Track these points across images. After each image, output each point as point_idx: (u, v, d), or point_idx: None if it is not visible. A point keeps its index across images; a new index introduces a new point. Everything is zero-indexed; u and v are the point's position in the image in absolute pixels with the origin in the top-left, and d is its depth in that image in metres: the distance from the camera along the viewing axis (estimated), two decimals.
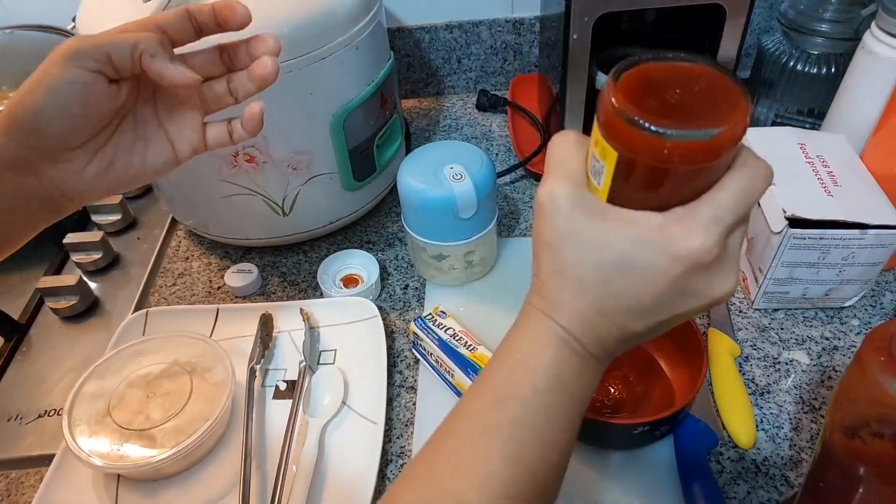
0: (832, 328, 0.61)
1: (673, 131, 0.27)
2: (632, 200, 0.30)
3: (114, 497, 0.52)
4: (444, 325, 0.59)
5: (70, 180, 0.38)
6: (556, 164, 0.32)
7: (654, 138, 0.27)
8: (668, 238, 0.29)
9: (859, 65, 0.66)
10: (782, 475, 0.51)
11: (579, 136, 0.33)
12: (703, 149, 0.27)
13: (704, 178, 0.29)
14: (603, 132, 0.29)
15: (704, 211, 0.29)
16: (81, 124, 0.37)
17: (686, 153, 0.27)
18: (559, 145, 0.33)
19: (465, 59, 0.98)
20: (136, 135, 0.40)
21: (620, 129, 0.28)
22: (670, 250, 0.29)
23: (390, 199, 0.81)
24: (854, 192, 0.59)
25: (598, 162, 0.30)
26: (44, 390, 0.62)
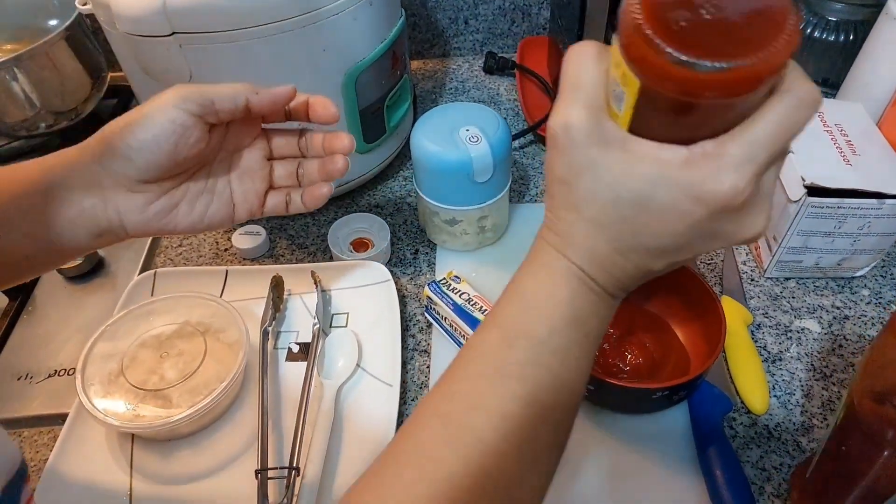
0: (843, 297, 0.62)
1: (705, 62, 0.23)
2: (656, 131, 0.27)
3: (129, 456, 0.52)
4: (458, 290, 0.58)
5: (132, 212, 0.40)
6: (572, 86, 0.28)
7: (683, 70, 0.23)
8: (694, 178, 0.26)
9: (882, 31, 0.65)
10: (794, 440, 0.51)
11: (599, 50, 0.28)
12: (739, 80, 0.23)
13: (740, 109, 0.26)
14: (625, 55, 0.25)
15: (736, 149, 0.25)
16: (166, 161, 0.39)
17: (719, 86, 0.23)
18: (575, 62, 0.28)
19: (472, 20, 0.96)
20: (206, 187, 0.43)
21: (644, 55, 0.24)
22: (695, 192, 0.26)
23: (398, 162, 0.79)
24: (872, 161, 0.59)
25: (619, 87, 0.26)
26: (52, 350, 0.61)
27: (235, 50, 0.55)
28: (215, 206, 0.43)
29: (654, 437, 0.52)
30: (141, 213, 0.40)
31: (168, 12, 0.52)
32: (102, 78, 0.82)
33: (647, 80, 0.25)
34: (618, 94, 0.27)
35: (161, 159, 0.38)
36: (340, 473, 0.50)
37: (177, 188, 0.41)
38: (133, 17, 0.53)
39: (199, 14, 0.53)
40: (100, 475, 0.51)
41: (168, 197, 0.41)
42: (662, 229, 0.28)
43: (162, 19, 0.53)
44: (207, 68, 0.57)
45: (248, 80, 0.57)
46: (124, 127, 0.38)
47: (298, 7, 0.55)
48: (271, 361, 0.58)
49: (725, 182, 0.25)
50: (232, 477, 0.51)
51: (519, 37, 0.97)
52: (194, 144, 0.39)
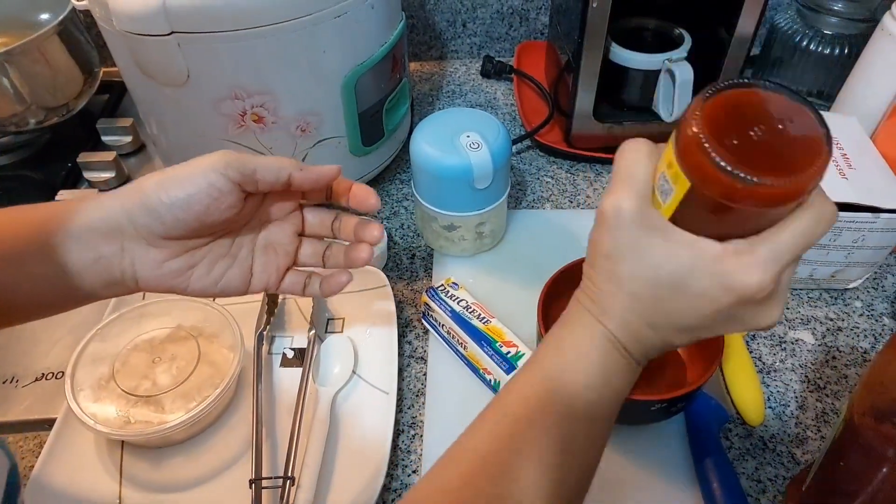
0: (836, 309, 0.62)
1: (751, 177, 0.26)
2: (694, 225, 0.31)
3: (118, 464, 0.51)
4: (456, 297, 0.58)
5: (148, 266, 0.39)
6: (625, 176, 0.32)
7: (731, 179, 0.27)
8: (725, 269, 0.30)
9: (876, 46, 0.65)
10: (789, 452, 0.52)
11: (651, 148, 0.33)
12: (776, 195, 0.27)
13: (771, 217, 0.30)
14: (678, 158, 0.29)
15: (764, 250, 0.30)
16: (194, 222, 0.38)
17: (759, 197, 0.27)
18: (630, 154, 0.33)
19: (470, 23, 0.95)
20: (229, 252, 0.42)
21: (698, 162, 0.28)
22: (725, 281, 0.30)
23: (395, 166, 0.79)
24: (867, 175, 0.59)
25: (668, 183, 0.30)
26: (40, 352, 0.60)
27: (235, 51, 0.55)
28: (233, 272, 0.42)
29: (651, 447, 0.52)
30: (156, 269, 0.39)
31: (167, 11, 0.51)
32: (95, 74, 0.81)
33: (698, 183, 0.28)
34: (665, 189, 0.31)
35: (190, 219, 0.37)
36: (336, 483, 0.50)
37: (198, 249, 0.40)
38: (131, 14, 0.52)
39: (199, 14, 0.52)
40: (88, 483, 0.50)
41: (187, 256, 0.40)
42: (692, 311, 0.31)
43: (161, 18, 0.52)
44: (206, 69, 0.56)
45: (247, 82, 0.57)
46: (160, 181, 0.37)
47: (299, 8, 0.55)
48: (265, 367, 0.57)
49: (754, 276, 0.29)
50: (225, 486, 0.50)
51: (516, 41, 0.97)
52: (226, 210, 0.38)
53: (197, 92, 0.58)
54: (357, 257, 0.43)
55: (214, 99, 0.58)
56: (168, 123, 0.64)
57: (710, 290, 0.30)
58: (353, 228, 0.43)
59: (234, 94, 0.58)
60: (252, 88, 0.58)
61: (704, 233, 0.30)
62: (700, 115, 0.28)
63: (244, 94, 0.58)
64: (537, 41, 0.96)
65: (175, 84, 0.57)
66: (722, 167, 0.27)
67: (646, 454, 0.51)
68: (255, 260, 0.43)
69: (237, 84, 0.57)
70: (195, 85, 0.57)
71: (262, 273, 0.43)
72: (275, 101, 0.59)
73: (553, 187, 0.76)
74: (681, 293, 0.31)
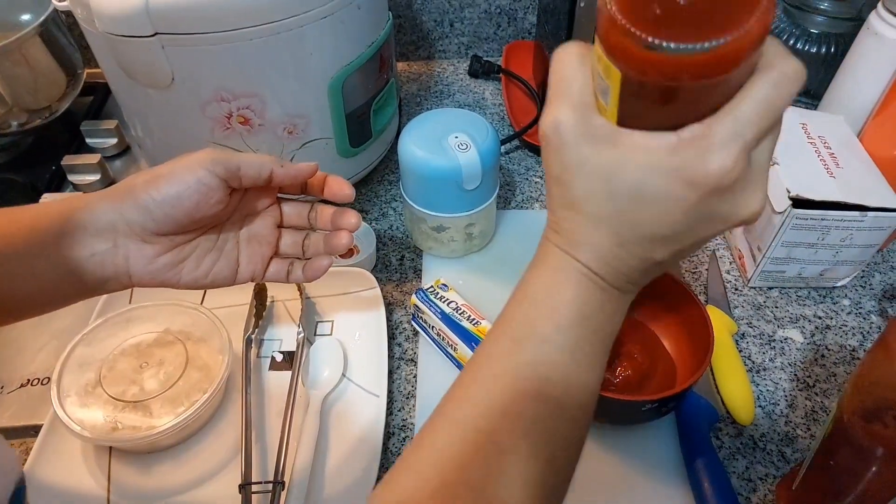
0: (825, 307, 0.63)
1: (681, 45, 0.23)
2: (644, 120, 0.27)
3: (106, 470, 0.51)
4: (446, 298, 0.58)
5: (141, 262, 0.40)
6: (559, 87, 0.29)
7: (660, 55, 0.24)
8: (682, 162, 0.26)
9: (862, 45, 0.66)
10: (779, 451, 0.52)
11: (584, 50, 0.29)
12: (717, 61, 0.24)
13: (723, 89, 0.26)
14: (604, 48, 0.26)
15: (721, 128, 0.26)
16: (184, 217, 0.39)
17: (698, 68, 0.24)
18: (561, 63, 0.29)
19: (457, 23, 0.95)
20: (215, 246, 0.43)
21: (621, 44, 0.25)
22: (684, 175, 0.26)
23: (382, 167, 0.78)
24: (854, 173, 0.59)
25: (603, 81, 0.27)
26: (25, 358, 0.59)
27: (220, 53, 0.54)
28: (220, 264, 0.43)
29: (642, 447, 0.52)
30: (149, 264, 0.40)
31: (150, 12, 0.51)
32: (78, 76, 0.80)
33: (627, 69, 0.25)
34: (603, 88, 0.27)
35: (179, 215, 0.39)
36: (327, 486, 0.49)
37: (187, 243, 0.42)
38: (113, 16, 0.51)
39: (183, 15, 0.51)
40: (75, 490, 0.49)
41: (177, 251, 0.41)
42: (659, 217, 0.28)
43: (144, 19, 0.51)
44: (191, 71, 0.55)
45: (233, 84, 0.57)
46: (150, 180, 0.38)
47: (285, 10, 0.54)
48: (254, 371, 0.57)
49: (714, 162, 0.26)
50: (214, 491, 0.50)
51: (504, 41, 0.97)
52: (214, 205, 0.40)
53: (182, 94, 0.57)
54: (336, 244, 0.44)
55: (200, 101, 0.57)
56: (153, 126, 0.64)
57: (672, 189, 0.27)
58: (329, 218, 0.45)
59: (219, 96, 0.57)
60: (238, 90, 0.57)
61: (655, 127, 0.27)
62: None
63: (230, 96, 0.57)
64: (525, 41, 0.96)
65: (159, 86, 0.56)
66: (646, 41, 0.24)
67: (637, 454, 0.51)
68: (241, 252, 0.44)
69: (223, 86, 0.57)
70: (180, 87, 0.56)
71: (248, 264, 0.44)
72: (261, 103, 0.59)
73: (542, 187, 0.76)
74: (642, 201, 0.28)
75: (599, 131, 0.28)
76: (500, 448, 0.29)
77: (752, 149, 0.27)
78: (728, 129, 0.26)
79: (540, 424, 0.30)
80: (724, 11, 0.24)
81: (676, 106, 0.26)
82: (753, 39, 0.24)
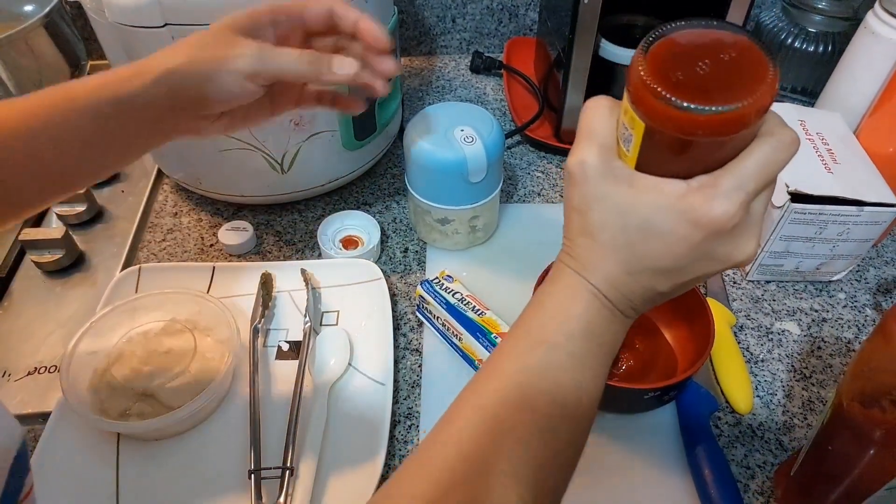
0: (821, 301, 0.64)
1: (699, 106, 0.27)
2: (659, 167, 0.31)
3: (114, 456, 0.51)
4: (451, 290, 0.58)
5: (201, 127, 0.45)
6: (588, 132, 0.33)
7: (680, 113, 0.28)
8: (690, 205, 0.30)
9: (860, 44, 0.67)
10: (777, 439, 0.53)
11: (612, 103, 0.34)
12: (727, 122, 0.28)
13: (730, 148, 0.30)
14: (631, 103, 0.30)
15: (726, 180, 0.30)
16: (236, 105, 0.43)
17: (711, 126, 0.28)
18: (591, 111, 0.34)
19: (459, 19, 0.96)
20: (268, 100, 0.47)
21: (648, 101, 0.29)
22: (691, 216, 0.30)
23: (386, 160, 0.79)
24: (851, 169, 0.61)
25: (627, 130, 0.31)
26: (32, 346, 0.59)
27: None
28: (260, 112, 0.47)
29: (645, 435, 0.53)
30: (208, 127, 0.45)
31: (162, 3, 0.51)
32: (82, 67, 0.80)
33: (651, 122, 0.29)
34: (626, 136, 0.32)
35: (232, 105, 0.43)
36: (334, 473, 0.50)
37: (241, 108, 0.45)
38: (124, 6, 0.52)
39: (193, 6, 0.52)
40: (84, 476, 0.50)
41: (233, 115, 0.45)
42: (664, 252, 0.31)
43: (155, 10, 0.51)
44: None
45: None
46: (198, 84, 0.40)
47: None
48: (261, 360, 0.57)
49: (718, 208, 0.30)
50: (223, 477, 0.50)
51: (506, 37, 0.98)
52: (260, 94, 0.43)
53: None
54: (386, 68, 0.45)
55: None
56: None
57: (679, 227, 0.31)
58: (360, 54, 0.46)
59: None
60: None
61: (669, 174, 0.31)
62: (645, 57, 0.29)
63: None
64: (527, 37, 0.97)
65: None
66: (669, 100, 0.28)
67: (639, 441, 0.52)
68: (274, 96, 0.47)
69: None
70: None
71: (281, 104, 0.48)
72: None
73: (543, 181, 0.77)
74: (651, 235, 0.31)
75: (619, 172, 0.32)
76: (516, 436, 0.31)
77: (751, 201, 0.30)
78: (733, 182, 0.30)
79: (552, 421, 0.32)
80: (737, 82, 0.28)
81: (689, 158, 0.30)
82: (759, 108, 0.28)
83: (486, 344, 0.54)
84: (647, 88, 0.28)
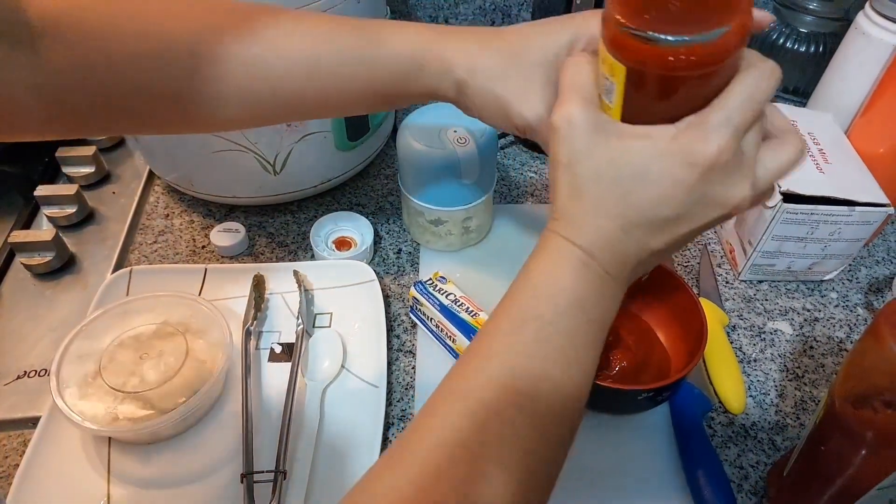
0: (813, 300, 0.64)
1: (675, 37, 0.27)
2: (644, 114, 0.31)
3: (105, 461, 0.51)
4: (444, 291, 0.58)
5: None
6: (570, 87, 0.32)
7: (662, 48, 0.28)
8: (682, 146, 0.30)
9: (850, 44, 0.67)
10: (769, 439, 0.53)
11: (592, 58, 0.33)
12: (707, 52, 0.28)
13: (713, 83, 0.30)
14: (609, 48, 0.30)
15: (714, 115, 0.30)
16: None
17: (695, 56, 0.28)
18: (573, 66, 0.33)
19: (452, 19, 0.96)
20: None
21: (624, 42, 0.29)
22: (685, 158, 0.30)
23: (379, 161, 0.79)
24: (843, 169, 0.61)
25: (608, 80, 0.31)
26: (22, 350, 0.59)
27: None
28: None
29: (638, 436, 0.53)
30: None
31: None
32: None
33: (630, 63, 0.29)
34: (608, 87, 0.31)
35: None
36: (327, 476, 0.50)
37: None
38: None
39: None
40: (75, 480, 0.49)
41: None
42: (661, 198, 0.31)
43: None
44: None
45: None
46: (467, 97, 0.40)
47: (286, 1, 0.54)
48: (253, 362, 0.57)
49: (712, 142, 0.30)
50: (216, 481, 0.50)
51: None
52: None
53: None
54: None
55: None
56: None
57: (673, 169, 0.30)
58: None
59: None
60: None
61: (656, 121, 0.31)
62: (617, 3, 0.29)
63: None
64: None
65: None
66: (649, 37, 0.28)
67: (632, 442, 0.52)
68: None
69: None
70: None
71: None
72: None
73: (536, 182, 0.77)
74: (646, 182, 0.31)
75: (607, 125, 0.32)
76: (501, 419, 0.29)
77: (741, 136, 0.30)
78: (720, 116, 0.30)
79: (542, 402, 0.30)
80: (712, 11, 0.28)
81: (674, 98, 0.30)
82: (741, 32, 0.28)
83: None
84: (625, 31, 0.28)
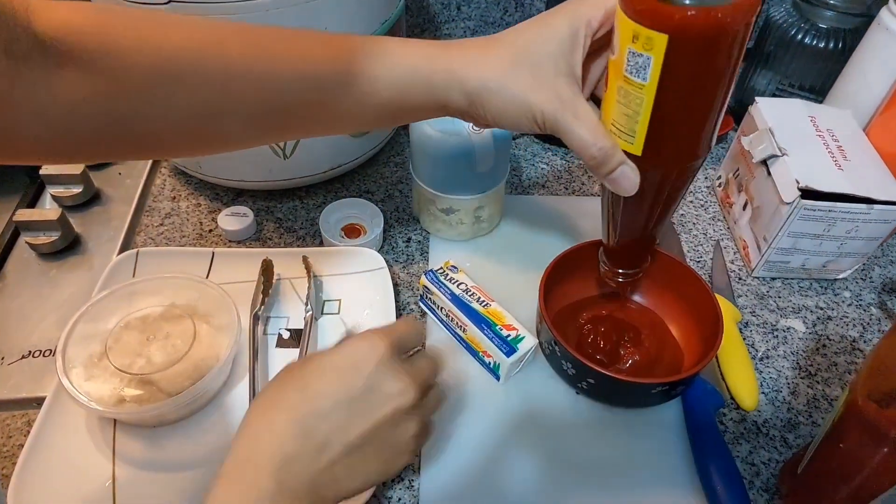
0: (826, 298, 0.64)
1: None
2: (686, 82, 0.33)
3: (111, 442, 0.50)
4: (455, 280, 0.58)
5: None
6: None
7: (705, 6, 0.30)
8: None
9: (872, 40, 0.66)
10: (781, 437, 0.53)
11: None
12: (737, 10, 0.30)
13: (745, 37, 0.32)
14: (647, 20, 0.31)
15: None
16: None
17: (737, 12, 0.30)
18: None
19: (464, 6, 0.94)
20: None
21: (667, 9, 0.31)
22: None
23: (389, 148, 0.78)
24: (861, 167, 0.60)
25: (642, 56, 0.32)
26: (26, 330, 0.58)
27: None
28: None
29: (651, 430, 0.52)
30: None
31: None
32: None
33: (674, 31, 0.31)
34: (641, 63, 0.33)
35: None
36: None
37: None
38: None
39: None
40: (80, 462, 0.49)
41: None
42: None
43: None
44: None
45: None
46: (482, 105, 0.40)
47: None
48: (261, 347, 0.57)
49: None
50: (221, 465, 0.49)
51: (511, 26, 0.96)
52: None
53: None
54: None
55: None
56: None
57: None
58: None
59: None
60: None
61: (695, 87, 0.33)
62: None
63: None
64: None
65: None
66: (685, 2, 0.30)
67: (645, 437, 0.52)
68: None
69: None
70: None
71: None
72: None
73: (548, 174, 0.76)
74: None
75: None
76: None
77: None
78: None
79: None
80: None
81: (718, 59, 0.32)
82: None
83: (491, 335, 0.53)
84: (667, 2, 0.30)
